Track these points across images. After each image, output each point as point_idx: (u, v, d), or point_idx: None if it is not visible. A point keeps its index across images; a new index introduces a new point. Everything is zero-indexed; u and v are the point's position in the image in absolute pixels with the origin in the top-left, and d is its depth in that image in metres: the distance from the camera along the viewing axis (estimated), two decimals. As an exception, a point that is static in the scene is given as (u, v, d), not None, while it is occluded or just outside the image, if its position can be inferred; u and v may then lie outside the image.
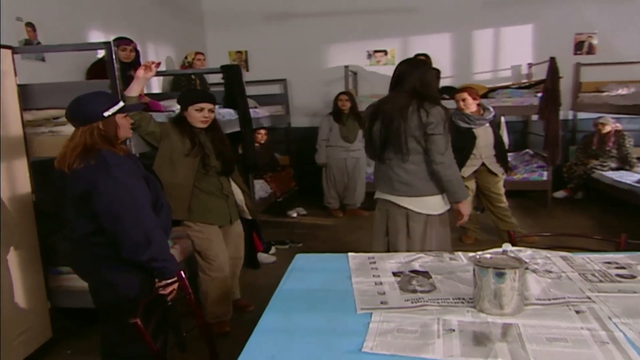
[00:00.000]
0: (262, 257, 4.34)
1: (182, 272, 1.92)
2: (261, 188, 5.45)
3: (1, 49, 2.55)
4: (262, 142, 5.89)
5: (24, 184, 2.73)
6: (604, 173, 5.76)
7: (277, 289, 1.83)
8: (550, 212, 5.73)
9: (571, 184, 6.17)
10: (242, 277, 3.45)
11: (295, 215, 5.96)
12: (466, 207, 2.77)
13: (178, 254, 3.39)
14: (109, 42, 2.56)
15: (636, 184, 5.12)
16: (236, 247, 3.24)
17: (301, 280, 1.92)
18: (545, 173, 5.86)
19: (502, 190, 4.53)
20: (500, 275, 1.50)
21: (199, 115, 2.90)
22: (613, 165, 5.88)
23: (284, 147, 6.93)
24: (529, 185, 5.94)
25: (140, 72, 2.69)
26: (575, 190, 6.18)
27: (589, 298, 1.60)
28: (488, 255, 1.64)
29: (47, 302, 2.89)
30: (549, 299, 1.61)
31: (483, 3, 6.50)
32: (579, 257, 2.00)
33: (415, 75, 2.70)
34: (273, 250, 4.59)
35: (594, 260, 1.96)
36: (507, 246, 1.76)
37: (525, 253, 2.03)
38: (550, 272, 1.86)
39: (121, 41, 3.97)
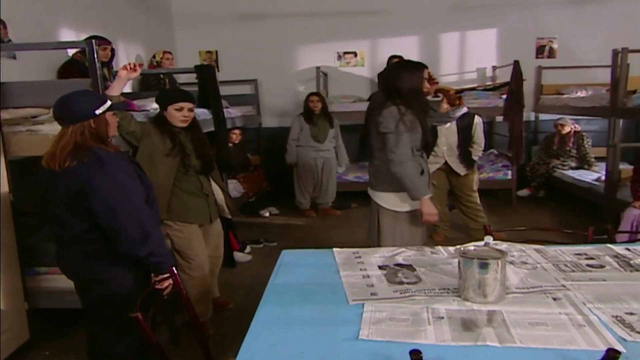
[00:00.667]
0: (238, 255, 4.37)
1: (173, 268, 1.96)
2: (234, 188, 5.46)
3: (-23, 47, 2.51)
4: (237, 142, 5.91)
5: (1, 184, 2.69)
6: (564, 172, 6.03)
7: (268, 283, 1.88)
8: (514, 209, 5.95)
9: (534, 182, 6.42)
10: (219, 276, 3.48)
11: (267, 214, 5.99)
12: (426, 205, 2.71)
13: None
14: (91, 41, 2.56)
15: (595, 182, 5.38)
16: (216, 246, 3.27)
17: (291, 274, 1.97)
18: (509, 172, 6.07)
19: (474, 189, 4.65)
20: (484, 265, 1.61)
21: (179, 115, 2.91)
22: (573, 164, 6.15)
23: (255, 147, 6.96)
24: (494, 184, 6.14)
25: (123, 72, 2.69)
26: (538, 189, 6.43)
27: (564, 286, 1.72)
28: (472, 247, 1.74)
29: (24, 303, 2.85)
30: (528, 288, 1.73)
31: (450, 7, 6.69)
32: (552, 250, 2.13)
33: (391, 75, 2.79)
34: (248, 249, 4.63)
35: (566, 252, 2.09)
36: (488, 239, 1.86)
37: (501, 246, 2.15)
38: (526, 263, 1.98)
39: (101, 41, 3.95)
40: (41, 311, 3.07)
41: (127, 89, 5.44)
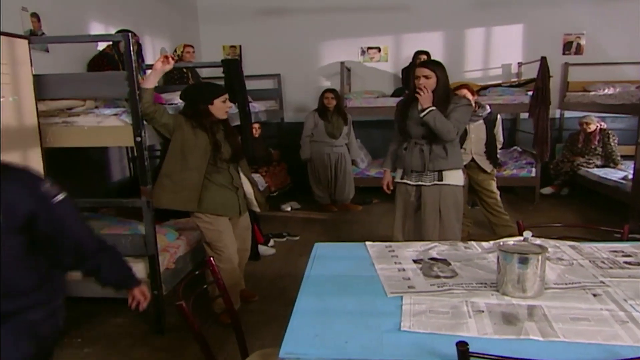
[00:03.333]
0: (262, 249, 4.41)
1: (210, 259, 1.99)
2: (257, 182, 5.49)
3: (17, 39, 2.56)
4: (257, 136, 5.94)
5: (37, 174, 2.74)
6: (590, 170, 5.96)
7: (305, 274, 1.90)
8: (537, 207, 5.91)
9: (558, 180, 6.36)
10: (244, 268, 3.52)
11: (289, 209, 6.02)
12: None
13: (184, 245, 3.45)
14: (127, 34, 2.60)
15: (622, 181, 5.32)
16: (243, 239, 3.31)
17: (326, 267, 1.99)
18: (533, 170, 6.02)
19: (493, 187, 4.65)
20: (524, 260, 1.61)
21: (225, 106, 3.01)
22: (598, 162, 6.08)
23: (276, 141, 6.99)
24: (517, 181, 6.10)
25: (158, 65, 2.74)
26: (562, 187, 6.38)
27: (603, 282, 1.72)
28: (511, 242, 1.74)
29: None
30: (566, 284, 1.73)
31: (475, 2, 6.64)
32: (586, 246, 2.12)
33: None
34: (272, 242, 4.66)
35: (601, 249, 2.08)
36: (528, 234, 1.86)
37: (535, 242, 2.15)
38: (562, 259, 1.98)
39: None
40: (71, 300, 3.12)
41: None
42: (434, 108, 3.07)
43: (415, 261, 2.01)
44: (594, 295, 1.63)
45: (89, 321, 3.22)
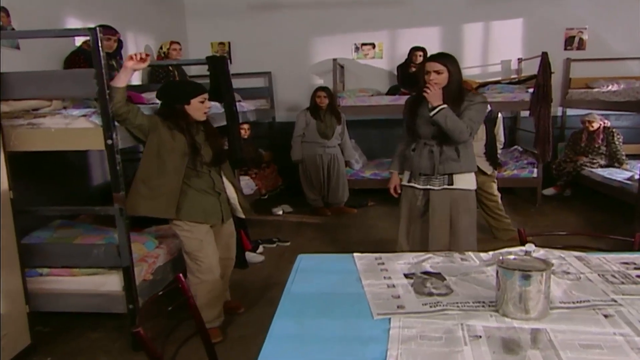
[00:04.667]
0: (250, 256, 4.25)
1: (181, 275, 1.83)
2: (246, 185, 5.34)
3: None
4: (246, 137, 5.78)
5: (1, 180, 2.58)
6: (593, 170, 5.81)
7: (284, 292, 1.75)
8: (539, 209, 5.77)
9: (560, 181, 6.22)
10: (230, 277, 3.37)
11: (280, 212, 5.87)
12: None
13: (164, 254, 3.30)
14: (95, 29, 2.43)
15: (627, 181, 5.17)
16: (227, 248, 3.16)
17: (308, 282, 1.84)
18: (535, 170, 5.88)
19: (494, 189, 4.51)
20: (526, 277, 1.46)
21: (203, 107, 2.87)
22: (602, 162, 5.94)
23: (268, 142, 6.84)
24: (518, 182, 5.96)
25: (130, 63, 2.57)
26: (564, 188, 6.23)
27: (615, 301, 1.56)
28: (511, 256, 1.59)
29: (25, 306, 2.75)
30: (574, 302, 1.57)
31: (473, -4, 6.51)
32: (594, 257, 1.97)
33: None
34: (261, 249, 4.51)
35: (611, 261, 1.92)
36: (530, 247, 1.71)
37: (538, 253, 1.99)
38: (568, 273, 1.82)
39: (107, 30, 3.84)
40: (43, 314, 2.97)
41: (136, 81, 5.36)
42: (445, 106, 2.86)
43: (406, 275, 1.85)
44: (605, 316, 1.47)
45: (62, 336, 3.06)
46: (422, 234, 3.23)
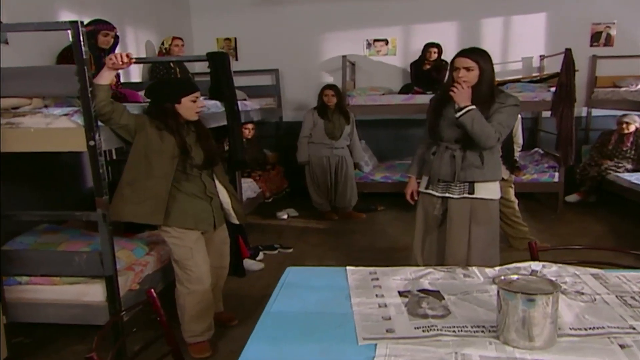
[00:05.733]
0: (249, 263, 4.15)
1: (152, 291, 1.73)
2: (249, 187, 5.26)
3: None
4: (250, 137, 5.71)
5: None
6: (619, 175, 5.61)
7: (264, 311, 1.64)
8: (560, 216, 5.58)
9: (584, 186, 6.01)
10: (226, 286, 3.28)
11: (285, 217, 5.77)
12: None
13: (154, 261, 3.21)
14: (76, 22, 2.35)
15: (657, 188, 4.98)
16: (220, 256, 3.06)
17: (293, 299, 1.73)
18: (556, 174, 5.71)
19: (511, 194, 4.36)
20: (530, 300, 1.33)
21: (195, 106, 2.78)
22: (629, 166, 5.74)
23: (274, 142, 6.75)
24: (538, 187, 5.79)
25: (109, 62, 2.49)
26: (589, 194, 6.03)
27: (634, 328, 1.43)
28: (514, 276, 1.46)
29: (2, 316, 2.68)
30: (586, 329, 1.44)
31: (493, -11, 6.35)
32: (613, 275, 1.83)
33: None
34: (261, 256, 4.41)
35: (631, 280, 1.79)
36: (536, 265, 1.58)
37: (550, 269, 1.86)
38: (582, 293, 1.69)
39: (104, 25, 3.78)
40: (21, 325, 2.90)
41: (136, 78, 5.31)
42: (473, 107, 2.65)
43: (401, 293, 1.73)
44: (622, 346, 1.34)
45: (45, 349, 2.99)
46: (438, 246, 3.06)
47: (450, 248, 2.94)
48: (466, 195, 2.86)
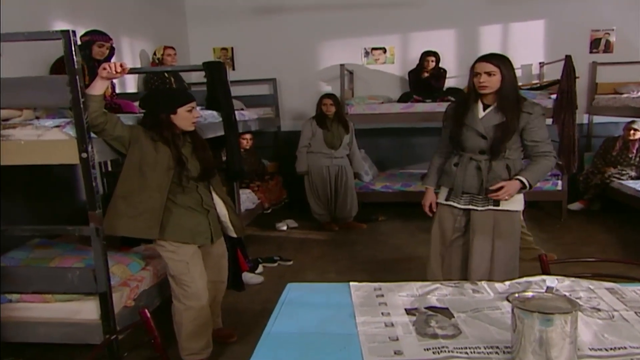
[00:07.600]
0: (248, 277, 4.06)
1: (145, 311, 1.65)
2: (247, 198, 5.18)
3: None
4: (248, 147, 5.64)
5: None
6: (623, 182, 5.55)
7: (264, 332, 1.56)
8: (564, 225, 5.51)
9: (588, 194, 5.95)
10: (224, 300, 3.19)
11: (284, 228, 5.68)
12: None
13: (150, 277, 3.13)
14: (67, 31, 2.28)
15: (662, 196, 4.91)
16: (218, 270, 2.97)
17: (293, 318, 1.65)
18: (559, 182, 5.64)
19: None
20: (548, 320, 1.25)
21: (191, 116, 2.71)
22: (632, 173, 5.68)
23: (272, 152, 6.68)
24: (542, 195, 5.71)
25: (103, 72, 2.41)
26: (592, 202, 5.96)
27: (657, 348, 1.35)
28: (529, 293, 1.38)
29: (-7, 336, 2.60)
30: (607, 349, 1.36)
31: (491, -4, 6.31)
32: (629, 290, 1.75)
33: None
34: (260, 269, 4.32)
35: (649, 294, 1.71)
36: (552, 282, 1.50)
37: (563, 283, 1.78)
38: (599, 310, 1.61)
39: (99, 36, 3.71)
40: (11, 345, 2.80)
41: (132, 88, 5.24)
42: (524, 180, 2.64)
43: (408, 311, 1.65)
44: (646, 368, 1.26)
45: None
46: (460, 259, 2.96)
47: (474, 261, 2.84)
48: (491, 207, 2.77)
